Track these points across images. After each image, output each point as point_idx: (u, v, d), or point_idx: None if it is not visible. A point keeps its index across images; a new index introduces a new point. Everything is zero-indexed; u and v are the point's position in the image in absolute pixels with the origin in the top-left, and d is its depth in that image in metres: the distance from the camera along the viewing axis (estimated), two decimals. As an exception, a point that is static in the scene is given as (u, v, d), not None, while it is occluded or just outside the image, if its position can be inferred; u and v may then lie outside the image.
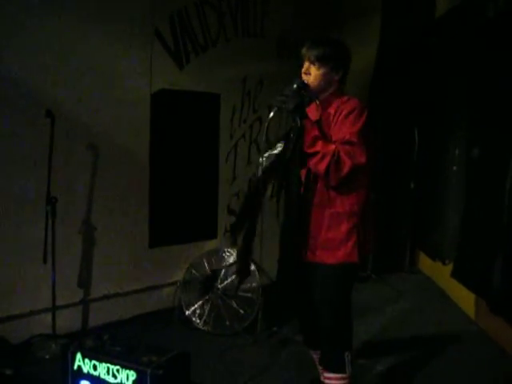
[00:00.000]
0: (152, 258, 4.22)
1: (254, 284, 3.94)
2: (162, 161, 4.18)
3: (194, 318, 3.99)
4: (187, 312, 4.03)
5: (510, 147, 3.57)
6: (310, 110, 2.47)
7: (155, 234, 4.21)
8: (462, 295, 4.41)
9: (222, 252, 4.19)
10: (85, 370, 2.65)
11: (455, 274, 4.47)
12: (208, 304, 4.01)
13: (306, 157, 2.39)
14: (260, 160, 2.55)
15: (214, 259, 4.17)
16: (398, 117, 5.37)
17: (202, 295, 4.06)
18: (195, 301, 4.05)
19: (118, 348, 2.66)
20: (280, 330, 3.94)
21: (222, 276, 4.07)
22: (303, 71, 2.53)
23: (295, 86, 2.41)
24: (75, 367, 2.67)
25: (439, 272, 5.01)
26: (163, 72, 4.09)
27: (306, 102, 2.44)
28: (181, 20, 4.14)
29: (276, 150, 2.52)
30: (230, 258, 4.11)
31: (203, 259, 4.15)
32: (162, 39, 4.05)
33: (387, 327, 4.14)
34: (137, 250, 4.13)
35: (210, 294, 4.03)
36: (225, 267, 4.07)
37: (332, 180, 2.38)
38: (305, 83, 2.47)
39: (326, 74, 2.50)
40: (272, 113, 2.36)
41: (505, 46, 3.71)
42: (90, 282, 3.91)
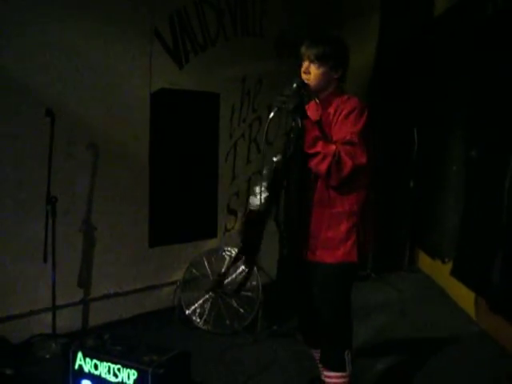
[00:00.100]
0: (152, 257, 4.23)
1: (253, 283, 3.94)
2: (161, 160, 4.18)
3: (194, 318, 4.00)
4: (187, 311, 4.04)
5: (510, 146, 3.58)
6: (310, 110, 2.47)
7: (155, 234, 4.21)
8: (461, 293, 4.42)
9: (222, 251, 4.19)
10: (86, 369, 2.66)
11: (455, 272, 4.49)
12: (208, 303, 4.02)
13: (306, 157, 2.38)
14: (257, 190, 2.55)
15: (214, 258, 4.17)
16: (397, 116, 5.37)
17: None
18: (195, 300, 4.06)
19: (118, 347, 2.68)
20: (280, 329, 3.94)
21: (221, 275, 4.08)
22: (303, 70, 2.50)
23: (295, 85, 2.41)
24: (76, 367, 2.68)
25: (439, 270, 5.02)
26: (163, 71, 4.10)
27: (306, 102, 2.44)
28: (180, 19, 4.14)
29: (272, 164, 2.53)
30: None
31: (203, 258, 4.15)
32: (162, 39, 4.05)
33: (387, 326, 4.15)
34: (137, 250, 4.14)
35: (211, 292, 4.04)
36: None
37: (333, 180, 2.38)
38: (304, 82, 2.46)
39: (325, 72, 2.48)
40: (272, 113, 2.36)
41: (504, 45, 3.72)
42: (90, 281, 3.91)
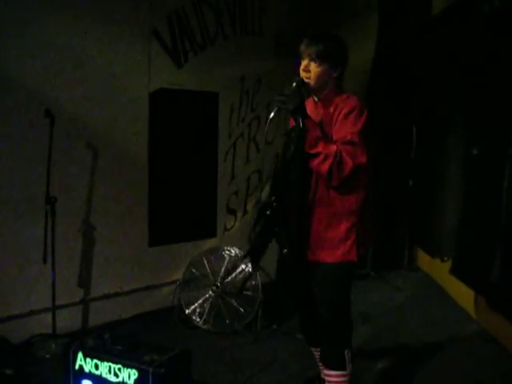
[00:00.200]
0: (151, 257, 4.23)
1: (253, 282, 3.95)
2: (160, 160, 4.18)
3: (194, 317, 4.00)
4: (187, 311, 4.04)
5: (508, 145, 3.58)
6: (310, 108, 2.47)
7: (154, 233, 4.21)
8: (460, 292, 4.42)
9: (222, 250, 4.19)
10: (86, 369, 2.66)
11: (454, 270, 4.49)
12: (208, 302, 4.02)
13: (307, 157, 2.37)
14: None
15: (213, 258, 4.17)
16: (395, 115, 5.37)
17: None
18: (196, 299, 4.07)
19: (119, 347, 2.68)
20: (280, 328, 3.95)
21: (221, 274, 4.08)
22: (302, 68, 2.48)
23: (294, 84, 2.40)
24: (77, 367, 2.68)
25: (438, 269, 5.02)
26: (161, 71, 4.09)
27: (305, 100, 2.44)
28: (179, 19, 4.13)
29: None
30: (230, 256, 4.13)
31: (203, 258, 4.15)
32: (160, 38, 4.05)
33: (386, 325, 4.15)
34: (136, 250, 4.13)
35: (210, 292, 4.04)
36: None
37: (334, 180, 2.38)
38: (304, 81, 2.45)
39: (325, 71, 2.46)
40: (272, 113, 2.36)
41: (502, 44, 3.72)
42: (89, 281, 3.91)
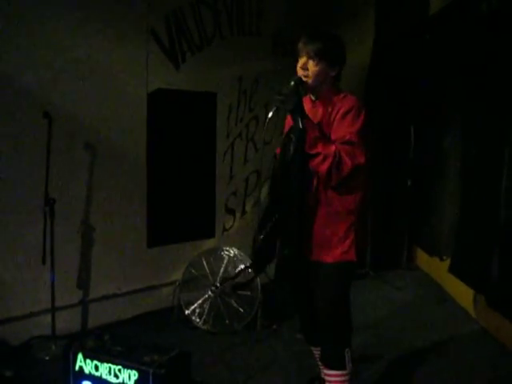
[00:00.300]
0: (150, 257, 4.22)
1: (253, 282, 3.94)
2: (159, 160, 4.18)
3: (194, 317, 4.00)
4: (187, 311, 4.04)
5: (507, 144, 3.59)
6: (307, 106, 2.46)
7: (153, 234, 4.21)
8: (459, 291, 4.43)
9: (221, 251, 4.19)
10: (86, 370, 2.66)
11: (452, 269, 4.49)
12: (207, 303, 4.02)
13: (306, 157, 2.37)
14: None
15: (212, 258, 4.17)
16: (393, 114, 5.38)
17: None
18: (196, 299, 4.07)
19: (119, 348, 2.68)
20: (280, 328, 3.95)
21: (220, 274, 4.08)
22: (300, 66, 2.46)
23: (292, 83, 2.39)
24: (77, 368, 2.68)
25: (437, 268, 5.03)
26: (159, 72, 4.09)
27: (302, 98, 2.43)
28: (176, 20, 4.13)
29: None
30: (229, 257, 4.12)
31: (202, 258, 4.15)
32: (158, 39, 4.05)
33: (386, 324, 4.16)
34: (135, 250, 4.13)
35: (210, 292, 4.04)
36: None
37: (333, 180, 2.38)
38: (302, 79, 2.44)
39: (323, 69, 2.45)
40: (271, 113, 2.35)
41: (499, 44, 3.73)
42: (89, 282, 3.91)
